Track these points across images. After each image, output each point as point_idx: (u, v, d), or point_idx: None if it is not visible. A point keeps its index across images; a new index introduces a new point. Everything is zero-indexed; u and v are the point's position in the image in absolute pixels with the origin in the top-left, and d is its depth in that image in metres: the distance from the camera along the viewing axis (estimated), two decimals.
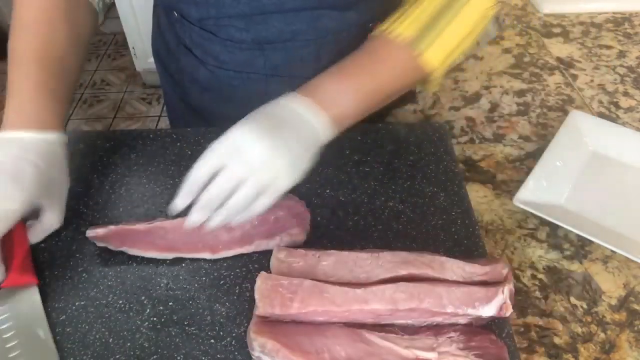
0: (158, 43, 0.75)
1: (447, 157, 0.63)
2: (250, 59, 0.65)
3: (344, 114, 0.50)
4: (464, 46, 0.55)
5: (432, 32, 0.52)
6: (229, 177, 0.44)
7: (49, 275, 0.50)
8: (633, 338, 0.48)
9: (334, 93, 0.49)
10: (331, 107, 0.48)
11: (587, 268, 0.54)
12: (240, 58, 0.65)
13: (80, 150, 0.64)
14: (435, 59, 0.52)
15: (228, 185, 0.44)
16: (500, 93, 0.79)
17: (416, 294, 0.41)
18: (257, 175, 0.44)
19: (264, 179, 0.44)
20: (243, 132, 0.45)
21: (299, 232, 0.51)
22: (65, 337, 0.46)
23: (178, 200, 0.46)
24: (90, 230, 0.51)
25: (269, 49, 0.64)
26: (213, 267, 0.51)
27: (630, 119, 0.74)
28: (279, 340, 0.41)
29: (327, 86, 0.50)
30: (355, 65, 0.52)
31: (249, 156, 0.44)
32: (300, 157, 0.46)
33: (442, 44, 0.52)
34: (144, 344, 0.45)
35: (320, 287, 0.42)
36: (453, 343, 0.42)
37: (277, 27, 0.61)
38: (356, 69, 0.52)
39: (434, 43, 0.52)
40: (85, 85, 2.44)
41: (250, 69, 0.66)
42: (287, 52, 0.64)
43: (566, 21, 0.97)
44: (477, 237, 0.53)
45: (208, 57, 0.67)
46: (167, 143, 0.65)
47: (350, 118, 0.50)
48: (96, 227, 0.51)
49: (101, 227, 0.51)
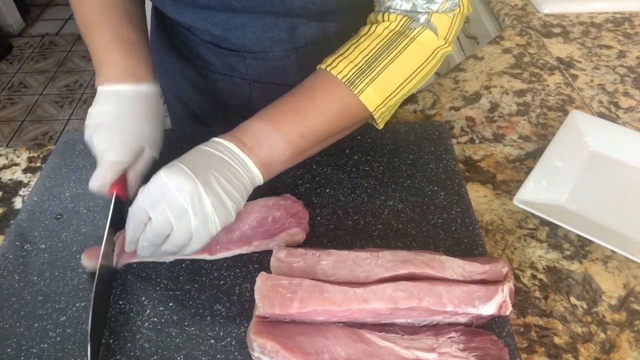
0: (155, 40, 0.76)
1: (447, 156, 0.63)
2: (234, 64, 0.65)
3: (273, 159, 0.48)
4: (411, 84, 0.53)
5: (371, 72, 0.50)
6: (156, 226, 0.44)
7: (50, 276, 0.51)
8: (633, 338, 0.48)
9: (262, 138, 0.48)
10: (258, 151, 0.47)
11: (587, 268, 0.54)
12: (225, 62, 0.66)
13: (81, 151, 0.64)
14: (375, 98, 0.51)
15: (157, 235, 0.44)
16: (500, 93, 0.79)
17: (416, 293, 0.41)
18: (184, 222, 0.43)
19: (192, 224, 0.43)
20: (170, 176, 0.43)
21: (298, 232, 0.51)
22: (66, 337, 0.46)
23: (127, 245, 0.48)
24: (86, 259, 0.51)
25: (250, 57, 0.64)
26: (213, 267, 0.51)
27: (630, 119, 0.74)
28: (279, 341, 0.41)
29: (256, 130, 0.48)
30: (287, 106, 0.50)
31: (174, 204, 0.43)
32: (230, 198, 0.45)
33: (383, 82, 0.51)
34: (144, 344, 0.45)
35: (320, 287, 0.42)
36: (453, 344, 0.42)
37: (254, 33, 0.60)
38: (287, 110, 0.50)
39: (372, 83, 0.50)
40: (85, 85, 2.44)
41: (234, 74, 0.67)
42: (268, 61, 0.64)
43: (566, 21, 0.97)
44: (477, 235, 0.53)
45: (196, 58, 0.68)
46: (168, 144, 0.65)
47: (280, 164, 0.49)
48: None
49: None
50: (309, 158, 0.58)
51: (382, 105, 0.52)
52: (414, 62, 0.52)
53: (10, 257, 0.52)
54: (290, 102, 0.51)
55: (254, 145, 0.48)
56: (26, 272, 0.51)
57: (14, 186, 0.64)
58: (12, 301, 0.49)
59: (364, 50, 0.51)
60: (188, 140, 0.65)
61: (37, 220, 0.56)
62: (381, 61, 0.51)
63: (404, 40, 0.51)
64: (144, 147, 0.53)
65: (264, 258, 0.51)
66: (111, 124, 0.52)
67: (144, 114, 0.54)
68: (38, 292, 0.49)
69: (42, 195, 0.59)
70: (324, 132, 0.51)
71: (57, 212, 0.57)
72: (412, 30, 0.51)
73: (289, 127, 0.49)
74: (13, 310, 0.48)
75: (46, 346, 0.45)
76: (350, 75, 0.50)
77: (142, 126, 0.53)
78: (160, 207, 0.43)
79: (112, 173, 0.50)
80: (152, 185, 0.44)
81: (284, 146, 0.49)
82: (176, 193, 0.43)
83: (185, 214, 0.43)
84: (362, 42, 0.52)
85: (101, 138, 0.51)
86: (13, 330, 0.46)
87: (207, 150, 0.47)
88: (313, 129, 0.50)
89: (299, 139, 0.49)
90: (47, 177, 0.61)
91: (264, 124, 0.49)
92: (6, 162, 0.68)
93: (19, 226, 0.55)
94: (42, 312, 0.48)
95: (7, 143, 2.13)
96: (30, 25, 2.89)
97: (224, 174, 0.45)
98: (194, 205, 0.43)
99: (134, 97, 0.53)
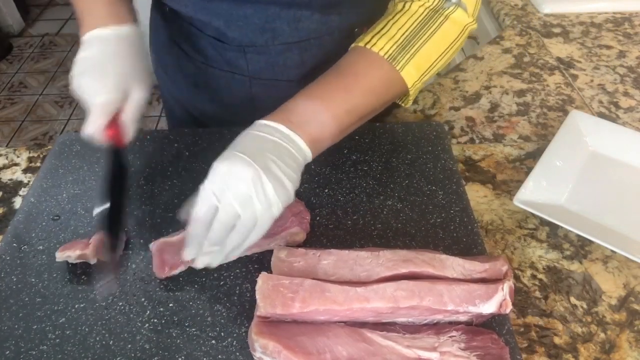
0: (154, 38, 0.77)
1: (445, 155, 0.64)
2: (234, 59, 0.66)
3: (322, 136, 0.50)
4: (442, 61, 0.56)
5: (410, 48, 0.53)
6: (224, 220, 0.45)
7: (48, 277, 0.52)
8: (633, 338, 0.49)
9: (310, 115, 0.49)
10: (307, 130, 0.48)
11: (587, 268, 0.55)
12: (225, 57, 0.67)
13: (77, 152, 0.65)
14: (413, 74, 0.54)
15: (225, 228, 0.45)
16: (500, 93, 0.81)
17: (417, 292, 0.43)
18: (250, 209, 0.44)
19: (257, 210, 0.45)
20: (229, 165, 0.45)
21: (299, 232, 0.52)
22: (65, 339, 0.47)
23: (189, 251, 0.47)
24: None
25: (251, 52, 0.65)
26: (212, 268, 0.52)
27: (630, 119, 0.76)
28: (281, 341, 0.42)
29: (302, 108, 0.49)
30: (331, 83, 0.52)
31: (239, 192, 0.44)
32: (289, 179, 0.46)
33: (420, 60, 0.54)
34: (144, 345, 0.46)
35: (321, 286, 0.43)
36: (455, 343, 0.43)
37: (257, 24, 0.62)
38: (333, 87, 0.52)
39: (412, 59, 0.53)
40: None
41: (235, 70, 0.68)
42: (269, 56, 0.65)
43: (566, 21, 0.99)
44: (476, 234, 0.55)
45: (196, 53, 0.69)
46: (165, 144, 0.66)
47: (327, 140, 0.51)
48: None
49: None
50: None
51: (419, 81, 0.55)
52: (448, 40, 0.55)
53: (7, 259, 0.53)
54: (335, 80, 0.52)
55: (303, 123, 0.49)
56: (24, 274, 0.52)
57: (14, 186, 0.65)
58: (10, 303, 0.50)
59: (402, 27, 0.53)
60: (185, 141, 0.66)
61: (35, 222, 0.57)
62: (419, 38, 0.53)
63: (439, 18, 0.54)
64: (131, 86, 0.54)
65: (263, 258, 0.52)
66: (95, 66, 0.53)
67: (127, 53, 0.55)
68: (36, 293, 0.50)
69: (39, 196, 0.60)
70: (367, 109, 0.53)
71: (55, 214, 0.58)
72: (446, 8, 0.54)
73: (337, 104, 0.50)
74: (11, 312, 0.49)
75: (45, 348, 0.46)
76: (391, 51, 0.52)
77: (126, 65, 0.54)
78: (226, 198, 0.44)
79: (103, 115, 0.51)
80: (214, 179, 0.45)
81: (331, 123, 0.50)
82: (239, 182, 0.44)
83: (249, 200, 0.44)
84: (399, 19, 0.54)
85: (86, 82, 0.52)
86: (11, 332, 0.47)
87: (257, 134, 0.47)
88: (358, 105, 0.52)
89: (345, 115, 0.51)
90: (44, 178, 0.62)
91: (312, 102, 0.50)
92: (6, 162, 0.69)
93: (16, 227, 0.56)
94: (40, 314, 0.48)
95: (7, 143, 2.16)
96: (30, 25, 2.93)
97: (279, 156, 0.46)
98: (258, 191, 0.44)
99: (116, 38, 0.55)
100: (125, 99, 0.53)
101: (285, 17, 0.61)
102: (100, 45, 0.54)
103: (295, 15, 0.61)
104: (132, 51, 0.55)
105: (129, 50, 0.55)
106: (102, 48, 0.54)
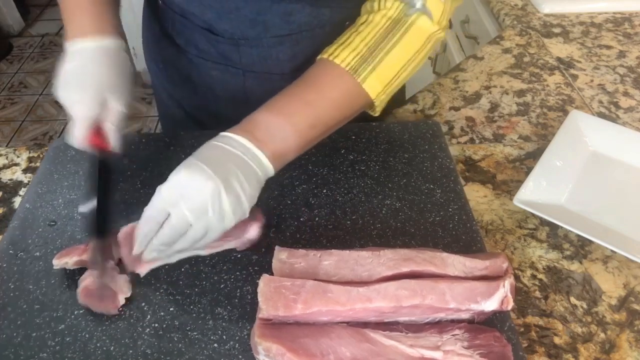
0: (146, 32, 0.79)
1: (442, 153, 0.67)
2: (227, 52, 0.69)
3: (285, 151, 0.52)
4: (407, 71, 0.58)
5: (372, 60, 0.55)
6: (175, 225, 0.47)
7: (46, 284, 0.53)
8: (633, 338, 0.51)
9: (274, 131, 0.51)
10: (271, 146, 0.51)
11: (587, 268, 0.58)
12: (218, 50, 0.69)
13: (72, 157, 0.67)
14: (376, 86, 0.56)
15: (176, 233, 0.48)
16: (500, 93, 0.83)
17: (419, 291, 0.45)
18: (203, 220, 0.47)
19: (210, 222, 0.47)
20: (190, 175, 0.47)
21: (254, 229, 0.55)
22: (65, 346, 0.48)
23: (136, 248, 0.51)
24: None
25: (244, 45, 0.67)
26: (213, 270, 0.54)
27: (630, 119, 0.79)
28: (284, 343, 0.44)
29: (266, 123, 0.52)
30: (295, 97, 0.54)
31: (195, 203, 0.46)
32: (246, 195, 0.48)
33: (383, 71, 0.56)
34: (146, 350, 0.48)
35: (323, 287, 0.45)
36: (458, 341, 0.45)
37: (247, 17, 0.64)
38: (296, 101, 0.54)
39: (374, 71, 0.55)
40: None
41: (228, 62, 0.70)
42: (261, 49, 0.67)
43: (566, 21, 1.02)
44: (475, 232, 0.57)
45: (189, 45, 0.71)
46: (160, 147, 0.68)
47: (291, 154, 0.53)
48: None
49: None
50: (305, 159, 0.63)
51: (383, 92, 0.57)
52: (411, 49, 0.57)
53: (4, 266, 0.55)
54: (298, 93, 0.54)
55: (267, 139, 0.51)
56: (21, 281, 0.54)
57: (14, 186, 0.67)
58: (7, 311, 0.51)
59: (365, 39, 0.55)
60: (181, 144, 0.68)
61: (30, 228, 0.58)
62: (381, 49, 0.55)
63: (401, 28, 0.56)
64: (110, 98, 0.56)
65: (263, 260, 0.55)
66: (74, 79, 0.56)
67: (106, 65, 0.57)
68: (34, 300, 0.52)
69: (34, 202, 0.61)
70: (331, 122, 0.55)
71: (51, 219, 0.59)
72: (409, 16, 0.56)
73: (301, 118, 0.53)
74: (9, 320, 0.50)
75: (45, 355, 0.48)
76: (353, 63, 0.55)
77: (103, 77, 0.57)
78: (180, 207, 0.47)
79: (82, 127, 0.55)
80: (172, 185, 0.47)
81: (295, 138, 0.52)
82: (198, 193, 0.46)
83: (204, 213, 0.47)
84: (362, 31, 0.56)
85: (67, 95, 0.56)
86: (10, 341, 0.49)
87: (221, 147, 0.49)
88: (322, 119, 0.54)
89: (309, 129, 0.53)
90: (39, 184, 0.64)
91: (276, 117, 0.52)
92: (6, 162, 0.71)
93: (12, 234, 0.58)
94: (39, 321, 0.50)
95: (7, 143, 2.20)
96: (30, 25, 2.98)
97: (241, 170, 0.48)
98: (214, 205, 0.46)
99: (97, 51, 0.58)
100: (105, 110, 0.56)
101: (276, 10, 0.63)
102: (81, 58, 0.57)
103: (286, 8, 0.63)
104: (110, 63, 0.58)
105: (108, 63, 0.58)
106: (82, 61, 0.57)
